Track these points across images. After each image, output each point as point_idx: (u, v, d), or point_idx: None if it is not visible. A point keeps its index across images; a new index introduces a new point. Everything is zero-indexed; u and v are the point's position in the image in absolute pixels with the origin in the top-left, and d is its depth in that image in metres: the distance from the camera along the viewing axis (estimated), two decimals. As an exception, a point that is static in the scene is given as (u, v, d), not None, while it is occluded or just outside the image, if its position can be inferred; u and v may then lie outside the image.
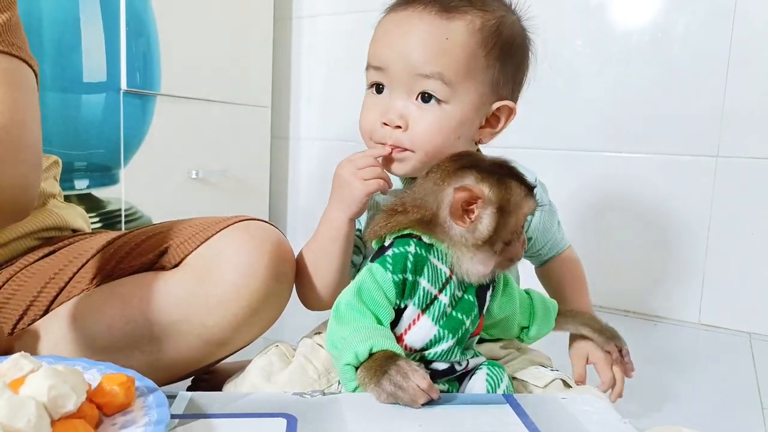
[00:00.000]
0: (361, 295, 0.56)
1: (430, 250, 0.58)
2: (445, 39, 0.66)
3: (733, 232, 1.29)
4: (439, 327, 0.57)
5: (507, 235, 0.57)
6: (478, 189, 0.55)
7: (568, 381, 0.65)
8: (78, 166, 1.26)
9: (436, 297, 0.58)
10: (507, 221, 0.57)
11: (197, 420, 0.47)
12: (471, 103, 0.68)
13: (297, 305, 0.73)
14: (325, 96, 1.84)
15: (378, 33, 0.70)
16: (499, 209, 0.56)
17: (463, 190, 0.55)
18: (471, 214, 0.56)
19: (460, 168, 0.58)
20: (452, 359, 0.58)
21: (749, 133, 1.26)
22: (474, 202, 0.56)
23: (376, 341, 0.52)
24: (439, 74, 0.65)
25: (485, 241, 0.56)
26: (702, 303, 1.33)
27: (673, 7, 1.31)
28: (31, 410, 0.37)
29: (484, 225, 0.56)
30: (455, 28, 0.66)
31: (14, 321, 0.67)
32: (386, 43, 0.68)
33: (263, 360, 0.69)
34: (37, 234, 0.75)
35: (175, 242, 0.68)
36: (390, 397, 0.50)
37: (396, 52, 0.67)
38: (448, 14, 0.66)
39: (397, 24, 0.69)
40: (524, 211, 0.58)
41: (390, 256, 0.57)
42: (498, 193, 0.56)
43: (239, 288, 0.63)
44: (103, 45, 1.28)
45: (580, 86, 1.42)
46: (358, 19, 1.73)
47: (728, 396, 0.94)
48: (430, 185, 0.59)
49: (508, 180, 0.58)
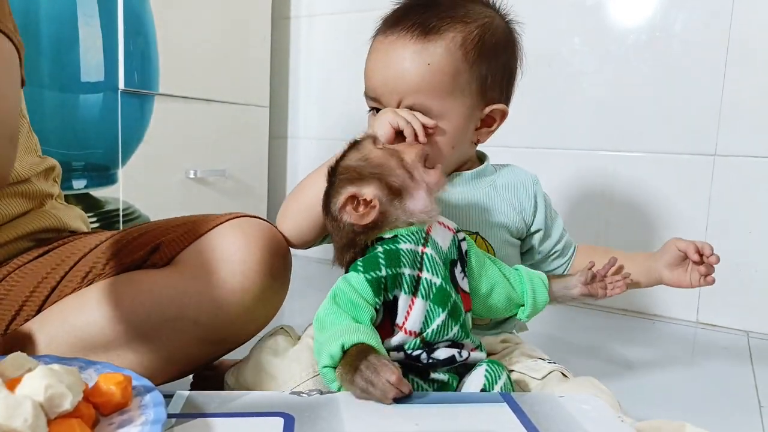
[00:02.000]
0: (336, 299, 0.57)
1: (397, 240, 0.59)
2: (426, 65, 0.69)
3: (731, 231, 1.29)
4: (429, 302, 0.58)
5: (393, 170, 0.60)
6: (343, 196, 0.60)
7: (566, 373, 0.66)
8: (76, 166, 1.25)
9: (419, 277, 0.59)
10: (376, 171, 0.60)
11: (194, 419, 0.47)
12: (461, 116, 0.72)
13: (295, 303, 0.73)
14: (323, 95, 1.83)
15: (368, 62, 0.74)
16: (361, 180, 0.60)
17: (341, 208, 0.60)
18: (366, 205, 0.60)
19: (330, 185, 0.63)
20: (449, 336, 0.59)
21: (747, 132, 1.26)
22: (355, 200, 0.60)
23: (347, 337, 0.53)
24: (422, 104, 0.69)
25: (393, 195, 0.59)
26: (700, 302, 1.33)
27: (670, 6, 1.31)
28: (28, 410, 0.37)
29: (375, 194, 0.60)
30: (436, 51, 0.69)
31: (7, 321, 0.67)
32: (374, 75, 0.72)
33: (270, 340, 0.70)
34: (34, 235, 0.74)
35: (167, 239, 0.67)
36: (363, 393, 0.51)
37: (383, 84, 0.71)
38: (428, 37, 0.69)
39: (383, 53, 0.72)
40: (369, 150, 0.63)
41: (360, 261, 0.59)
42: (348, 179, 0.61)
43: (233, 285, 0.63)
44: (101, 44, 1.27)
45: (578, 85, 1.42)
46: (357, 19, 1.73)
47: (726, 394, 0.94)
48: (334, 231, 0.63)
49: (339, 167, 0.63)
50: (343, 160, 0.64)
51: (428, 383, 0.58)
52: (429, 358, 0.58)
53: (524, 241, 0.81)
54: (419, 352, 0.58)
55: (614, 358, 1.09)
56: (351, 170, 0.62)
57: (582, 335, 1.25)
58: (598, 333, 1.26)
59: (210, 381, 0.75)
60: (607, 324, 1.31)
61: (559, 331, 1.27)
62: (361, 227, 0.60)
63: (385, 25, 0.73)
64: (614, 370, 1.01)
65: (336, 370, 0.53)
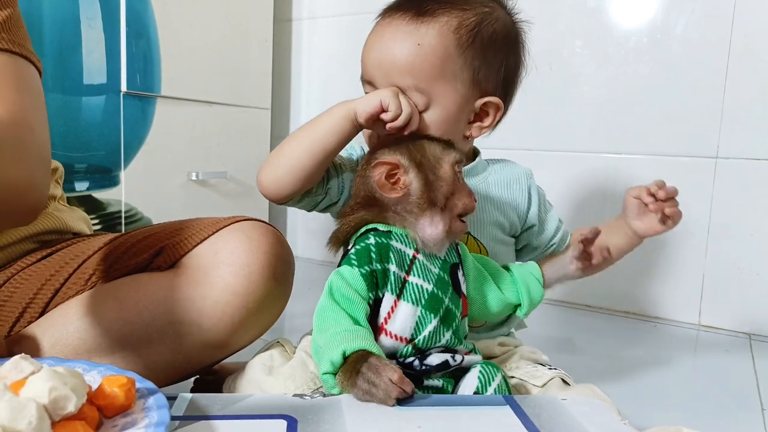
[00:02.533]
0: (333, 295, 0.57)
1: (390, 236, 0.59)
2: (417, 45, 0.68)
3: (733, 233, 1.29)
4: (421, 308, 0.58)
5: (443, 189, 0.60)
6: (392, 158, 0.60)
7: (567, 379, 0.65)
8: (78, 168, 1.26)
9: (406, 280, 0.59)
10: (434, 176, 0.60)
11: (197, 422, 0.47)
12: (453, 104, 0.70)
13: (296, 306, 0.73)
14: (324, 97, 1.84)
15: (365, 45, 0.73)
16: (419, 167, 0.60)
17: (379, 164, 0.59)
18: (398, 183, 0.60)
19: (374, 151, 0.63)
20: (441, 343, 0.58)
21: (749, 134, 1.26)
22: (395, 171, 0.60)
23: (348, 344, 0.52)
24: (414, 86, 0.68)
25: (424, 200, 0.59)
26: (702, 304, 1.33)
27: (672, 7, 1.31)
28: (32, 412, 0.37)
29: (414, 186, 0.59)
30: (427, 32, 0.68)
31: (11, 323, 0.67)
32: (368, 57, 0.72)
33: (264, 355, 0.70)
34: (37, 237, 0.75)
35: (171, 243, 0.67)
36: (366, 395, 0.51)
37: (376, 66, 0.70)
38: (421, 18, 0.68)
39: (378, 35, 0.71)
40: (448, 162, 0.61)
41: (353, 254, 0.59)
42: (412, 155, 0.60)
43: (236, 289, 0.63)
44: (104, 47, 1.28)
45: (579, 87, 1.42)
46: (358, 21, 1.73)
47: (728, 397, 0.94)
48: (359, 177, 0.63)
49: (418, 142, 0.62)
50: (429, 141, 0.63)
51: (423, 390, 0.58)
52: (422, 365, 0.57)
53: (519, 237, 0.80)
54: (411, 359, 0.58)
55: (616, 360, 1.08)
56: (421, 152, 0.61)
57: (583, 337, 1.25)
58: (600, 335, 1.26)
59: (211, 385, 0.75)
60: (608, 326, 1.31)
61: (559, 333, 1.27)
62: (378, 199, 0.60)
63: (385, 10, 0.73)
64: (616, 372, 1.01)
65: (336, 376, 0.53)
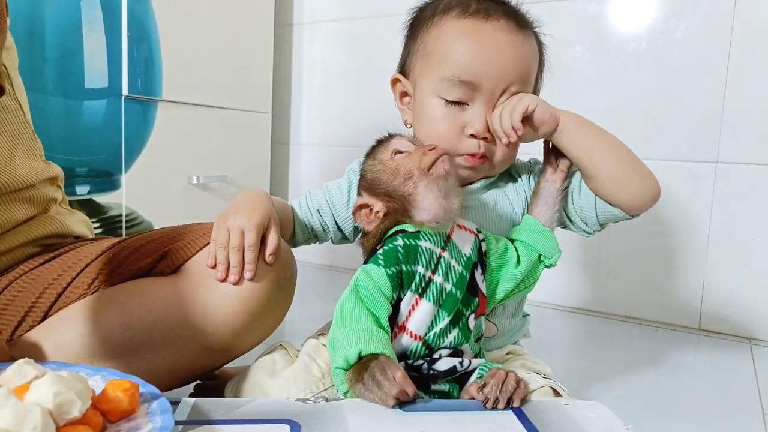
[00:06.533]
0: (358, 292, 0.58)
1: (419, 236, 0.60)
2: (532, 56, 0.72)
3: (733, 238, 1.29)
4: (439, 308, 0.59)
5: (390, 179, 0.62)
6: (360, 201, 0.64)
7: (561, 391, 0.65)
8: (79, 172, 1.26)
9: (431, 279, 0.60)
10: (378, 179, 0.63)
11: (201, 426, 0.47)
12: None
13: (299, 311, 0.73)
14: (325, 102, 1.84)
15: (463, 44, 0.70)
16: (371, 189, 0.63)
17: (354, 212, 0.64)
18: (372, 214, 0.63)
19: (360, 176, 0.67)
20: (448, 339, 0.59)
21: (749, 139, 1.26)
22: (365, 206, 0.64)
23: (366, 345, 0.53)
24: (517, 92, 0.70)
25: (398, 198, 0.61)
26: (702, 309, 1.33)
27: (672, 13, 1.32)
28: (37, 417, 0.37)
29: (379, 204, 0.63)
30: (532, 45, 0.73)
31: (12, 327, 0.67)
32: (481, 59, 0.69)
33: (267, 358, 0.70)
34: (39, 241, 0.75)
35: (174, 247, 0.67)
36: (367, 392, 0.52)
37: (492, 68, 0.69)
38: (524, 30, 0.71)
39: (490, 37, 0.69)
40: (387, 154, 0.64)
41: (381, 254, 0.60)
42: (363, 186, 0.65)
43: (239, 294, 0.63)
44: (105, 51, 1.28)
45: (580, 93, 1.42)
46: (359, 26, 1.74)
47: (729, 402, 0.94)
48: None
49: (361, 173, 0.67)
50: (367, 160, 0.66)
51: (430, 394, 0.59)
52: (430, 369, 0.58)
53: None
54: (420, 362, 0.58)
55: (617, 364, 1.09)
56: (367, 179, 0.65)
57: (584, 342, 1.25)
58: (600, 340, 1.26)
59: (211, 390, 0.75)
60: (609, 331, 1.31)
61: (560, 339, 1.27)
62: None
63: (468, 11, 0.71)
64: (617, 377, 1.01)
65: (347, 373, 0.54)
